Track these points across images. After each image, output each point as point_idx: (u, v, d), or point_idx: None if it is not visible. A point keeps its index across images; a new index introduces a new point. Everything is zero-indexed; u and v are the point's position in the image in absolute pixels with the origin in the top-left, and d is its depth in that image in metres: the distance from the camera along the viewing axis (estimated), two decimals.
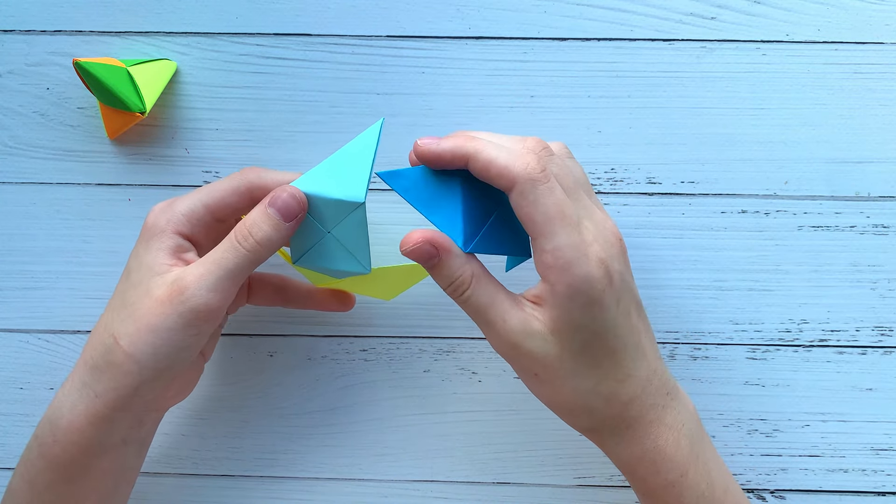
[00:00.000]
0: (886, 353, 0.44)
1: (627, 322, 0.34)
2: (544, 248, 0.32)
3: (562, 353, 0.33)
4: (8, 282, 0.45)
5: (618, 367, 0.34)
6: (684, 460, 0.35)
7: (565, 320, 0.32)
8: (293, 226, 0.34)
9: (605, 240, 0.33)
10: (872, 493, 0.44)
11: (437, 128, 0.43)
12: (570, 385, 0.33)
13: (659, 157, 0.43)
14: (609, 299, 0.32)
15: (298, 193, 0.34)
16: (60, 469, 0.35)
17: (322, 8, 0.43)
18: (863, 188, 0.43)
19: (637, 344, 0.34)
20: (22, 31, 0.44)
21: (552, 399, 0.35)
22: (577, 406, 0.34)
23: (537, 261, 0.33)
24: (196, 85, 0.44)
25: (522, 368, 0.34)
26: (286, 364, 0.45)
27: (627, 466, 0.35)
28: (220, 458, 0.45)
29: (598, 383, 0.34)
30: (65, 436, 0.34)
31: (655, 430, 0.34)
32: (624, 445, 0.35)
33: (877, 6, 0.43)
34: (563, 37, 0.43)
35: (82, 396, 0.34)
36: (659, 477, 0.35)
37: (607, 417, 0.34)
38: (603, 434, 0.35)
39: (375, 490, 0.45)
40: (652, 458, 0.34)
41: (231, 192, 0.36)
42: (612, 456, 0.36)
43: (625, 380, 0.34)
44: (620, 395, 0.34)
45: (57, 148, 0.44)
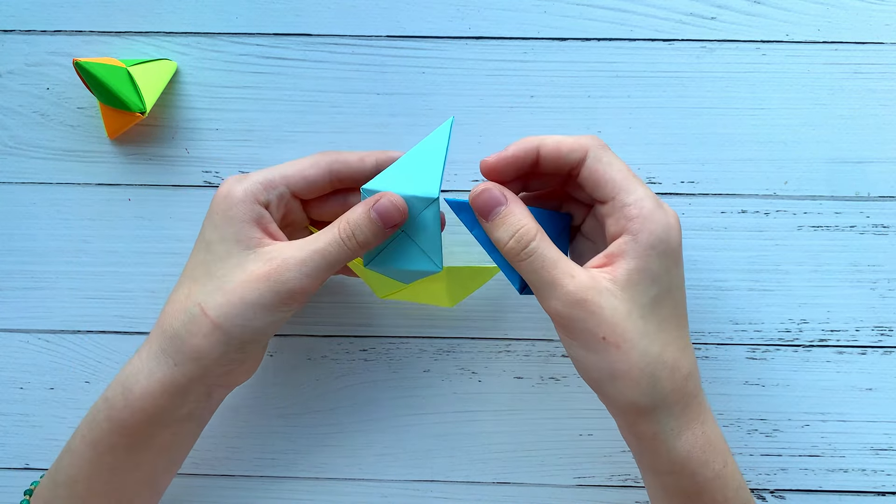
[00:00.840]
0: (886, 353, 0.44)
1: (684, 293, 0.35)
2: (625, 202, 0.33)
3: (631, 310, 0.32)
4: (8, 282, 0.45)
5: (680, 332, 0.34)
6: (724, 449, 0.35)
7: (643, 271, 0.32)
8: (391, 232, 0.35)
9: (669, 206, 0.35)
10: (872, 493, 0.44)
11: (437, 127, 0.43)
12: (638, 348, 0.32)
13: (659, 157, 0.43)
14: (680, 255, 0.34)
15: (400, 203, 0.35)
16: (125, 434, 0.35)
17: (322, 8, 0.43)
18: (863, 188, 0.43)
19: (686, 316, 0.35)
20: (22, 31, 0.44)
21: (616, 368, 0.32)
22: (644, 374, 0.32)
23: (617, 217, 0.33)
24: (196, 85, 0.44)
25: (587, 330, 0.32)
26: (286, 364, 0.45)
27: (678, 459, 0.34)
28: (220, 458, 0.45)
29: (664, 349, 0.33)
30: (137, 401, 0.35)
31: (704, 413, 0.34)
32: (679, 430, 0.33)
33: (877, 6, 0.43)
34: (563, 37, 0.43)
35: (160, 364, 0.35)
36: (707, 469, 0.34)
37: (670, 391, 0.33)
38: (660, 415, 0.33)
39: (375, 490, 0.45)
40: (703, 445, 0.34)
41: (311, 165, 0.37)
42: (662, 448, 0.34)
43: (685, 349, 0.34)
44: (682, 367, 0.33)
45: (57, 148, 0.44)
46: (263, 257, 0.35)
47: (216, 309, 0.34)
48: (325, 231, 0.35)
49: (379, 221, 0.34)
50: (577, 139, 0.34)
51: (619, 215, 0.33)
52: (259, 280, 0.34)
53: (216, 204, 0.36)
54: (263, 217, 0.36)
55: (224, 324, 0.34)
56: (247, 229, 0.35)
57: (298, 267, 0.34)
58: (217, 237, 0.35)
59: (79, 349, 0.45)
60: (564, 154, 0.34)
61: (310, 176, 0.37)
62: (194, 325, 0.34)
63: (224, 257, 0.35)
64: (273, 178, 0.36)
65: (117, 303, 0.45)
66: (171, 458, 0.38)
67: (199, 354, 0.34)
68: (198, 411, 0.37)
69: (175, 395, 0.35)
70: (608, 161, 0.34)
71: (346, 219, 0.35)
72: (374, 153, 0.38)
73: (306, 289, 0.34)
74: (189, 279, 0.36)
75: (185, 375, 0.35)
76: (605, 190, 0.34)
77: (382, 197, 0.35)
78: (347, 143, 0.44)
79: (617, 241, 0.33)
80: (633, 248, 0.33)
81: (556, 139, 0.35)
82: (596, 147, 0.34)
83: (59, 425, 0.45)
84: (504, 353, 0.45)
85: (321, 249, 0.34)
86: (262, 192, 0.36)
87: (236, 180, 0.36)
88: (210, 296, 0.34)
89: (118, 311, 0.45)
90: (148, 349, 0.36)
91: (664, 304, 0.33)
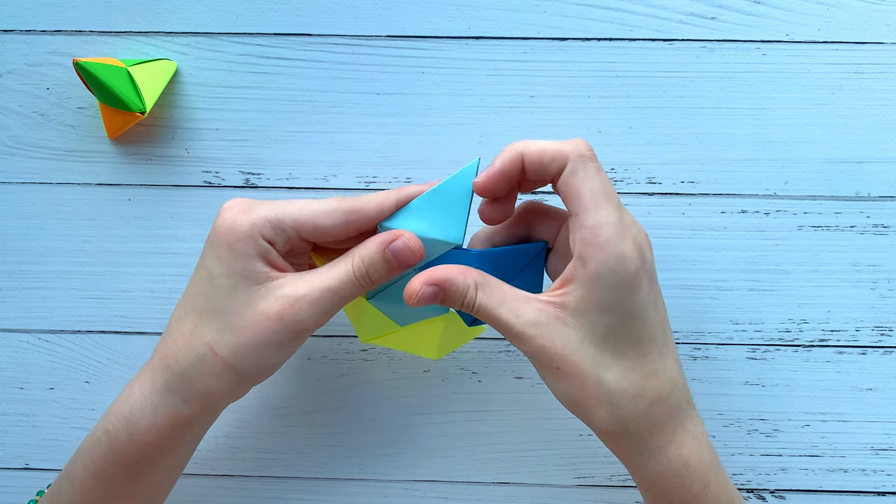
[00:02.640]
0: (886, 353, 0.44)
1: (655, 313, 0.33)
2: (584, 224, 0.32)
3: (583, 339, 0.32)
4: (8, 282, 0.45)
5: (644, 359, 0.33)
6: (706, 471, 0.34)
7: (591, 299, 0.32)
8: (404, 270, 0.35)
9: (639, 229, 0.33)
10: (872, 493, 0.44)
11: (436, 128, 0.43)
12: (593, 376, 0.32)
13: (659, 157, 0.43)
14: (640, 282, 0.32)
15: (417, 245, 0.34)
16: (129, 465, 0.35)
17: (322, 8, 0.43)
18: (863, 188, 0.43)
19: (664, 339, 0.34)
20: (22, 31, 0.44)
21: (574, 396, 0.33)
22: (601, 402, 0.32)
23: (575, 235, 0.32)
24: (196, 85, 0.44)
25: (543, 364, 0.33)
26: (286, 364, 0.45)
27: (651, 479, 0.34)
28: (220, 458, 0.45)
29: (624, 376, 0.32)
30: (143, 436, 0.35)
31: (679, 437, 0.33)
32: (648, 454, 0.33)
33: (877, 6, 0.43)
34: (563, 37, 0.43)
35: (166, 399, 0.34)
36: (683, 490, 0.33)
37: (632, 419, 0.32)
38: (626, 440, 0.33)
39: (375, 490, 0.45)
40: (677, 468, 0.33)
41: (326, 215, 0.34)
42: (634, 469, 0.34)
43: (651, 376, 0.33)
44: (646, 393, 0.33)
45: (57, 148, 0.44)
46: (273, 294, 0.33)
47: (227, 349, 0.33)
48: (337, 266, 0.34)
49: (394, 262, 0.34)
50: (559, 148, 0.33)
51: (577, 235, 0.32)
52: (272, 320, 0.33)
53: (220, 234, 0.34)
54: (270, 253, 0.34)
55: (237, 364, 0.34)
56: (254, 264, 0.34)
57: (312, 307, 0.33)
58: (222, 271, 0.34)
59: (79, 349, 0.45)
60: (546, 163, 0.33)
61: (323, 226, 0.34)
62: (204, 366, 0.34)
63: (231, 293, 0.34)
64: (282, 220, 0.34)
65: (117, 303, 0.45)
66: (172, 476, 0.38)
67: (209, 392, 0.34)
68: (201, 433, 0.38)
69: (182, 428, 0.35)
70: (583, 176, 0.32)
71: (360, 255, 0.34)
72: (394, 193, 0.35)
73: (318, 325, 0.34)
74: (193, 312, 0.34)
75: (192, 410, 0.35)
76: (571, 204, 0.33)
77: (399, 237, 0.34)
78: (347, 144, 0.44)
79: (570, 265, 0.33)
80: (580, 274, 0.32)
81: (539, 147, 0.33)
82: (575, 159, 0.33)
83: (60, 425, 0.45)
84: (504, 353, 0.45)
85: (333, 287, 0.34)
86: (269, 230, 0.34)
87: (241, 211, 0.34)
88: (220, 335, 0.33)
89: (118, 311, 0.45)
90: (152, 383, 0.35)
91: (621, 332, 0.32)
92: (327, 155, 0.44)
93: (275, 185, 0.44)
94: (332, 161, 0.44)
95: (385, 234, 0.34)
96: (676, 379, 0.34)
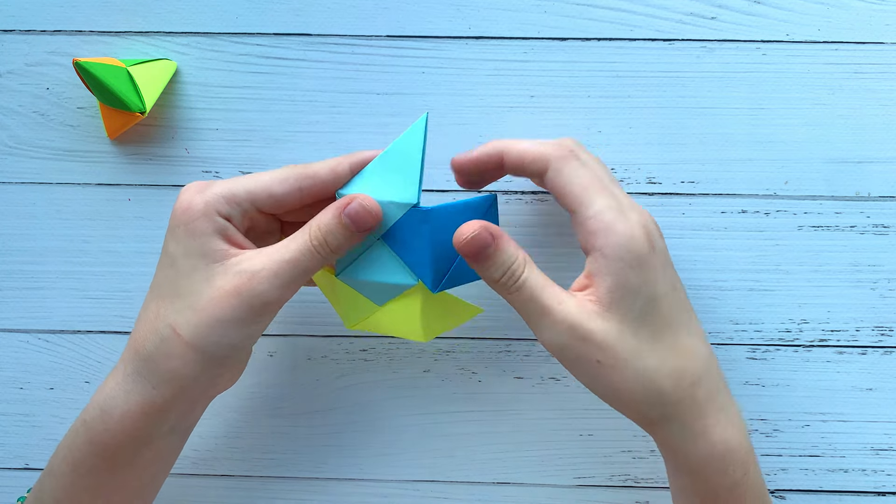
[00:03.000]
0: (886, 353, 0.44)
1: (676, 295, 0.33)
2: (586, 216, 0.32)
3: (621, 329, 0.32)
4: (8, 282, 0.45)
5: (677, 339, 0.33)
6: (746, 457, 0.34)
7: (621, 285, 0.32)
8: (365, 235, 0.34)
9: (641, 211, 0.33)
10: (872, 493, 0.44)
11: (436, 127, 0.43)
12: (634, 366, 0.32)
13: (659, 157, 0.43)
14: (655, 262, 0.32)
15: (373, 205, 0.34)
16: (108, 456, 0.35)
17: (322, 8, 0.43)
18: (863, 188, 0.43)
19: (690, 319, 0.34)
20: (22, 31, 0.44)
21: (617, 388, 0.32)
22: (645, 391, 0.32)
23: (580, 231, 0.33)
24: (196, 85, 0.44)
25: (581, 357, 0.32)
26: (286, 364, 0.45)
27: (695, 464, 0.33)
28: (220, 458, 0.45)
29: (663, 360, 0.32)
30: (117, 425, 0.34)
31: (724, 420, 0.33)
32: (692, 439, 0.33)
33: (877, 6, 0.43)
34: (563, 37, 0.43)
35: (136, 386, 0.34)
36: (725, 477, 0.33)
37: (677, 402, 0.32)
38: (672, 426, 0.33)
39: (375, 490, 0.45)
40: (721, 453, 0.33)
41: (279, 182, 0.35)
42: (679, 455, 0.34)
43: (688, 355, 0.33)
44: (686, 374, 0.32)
45: (57, 148, 0.44)
46: (232, 270, 0.33)
47: (188, 328, 0.33)
48: (295, 238, 0.34)
49: (352, 226, 0.33)
50: (541, 149, 0.34)
51: (583, 230, 0.33)
52: (230, 295, 0.33)
53: (177, 216, 0.34)
54: (227, 229, 0.34)
55: (198, 343, 0.33)
56: (211, 242, 0.33)
57: (270, 279, 0.33)
58: (181, 251, 0.34)
59: (79, 349, 0.45)
60: (527, 164, 0.34)
61: (277, 193, 0.34)
62: (167, 347, 0.33)
63: (190, 272, 0.33)
64: (236, 193, 0.34)
65: (117, 303, 0.45)
66: (156, 471, 0.37)
67: (175, 375, 0.34)
68: (181, 425, 0.36)
69: (155, 415, 0.34)
70: (569, 172, 0.33)
71: (318, 224, 0.34)
72: (347, 158, 0.35)
73: (281, 299, 0.34)
74: (156, 296, 0.34)
75: (163, 396, 0.34)
76: (565, 202, 0.33)
77: (353, 200, 0.34)
78: (347, 143, 0.44)
79: (589, 260, 0.33)
80: (603, 265, 0.32)
81: (521, 148, 0.34)
82: (558, 158, 0.33)
83: (60, 425, 0.45)
84: (504, 353, 0.44)
85: (292, 259, 0.33)
86: (224, 205, 0.34)
87: (197, 191, 0.34)
88: (180, 314, 0.33)
89: (118, 311, 0.45)
90: (123, 370, 0.35)
91: (653, 313, 0.32)
92: (327, 155, 0.43)
93: None
94: None
95: (340, 199, 0.34)
96: (711, 359, 0.34)
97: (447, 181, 0.44)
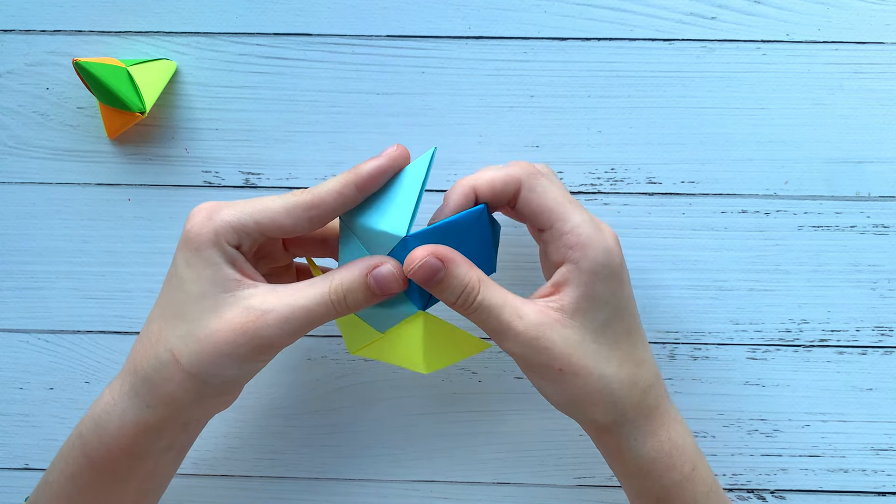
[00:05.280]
0: (886, 353, 0.44)
1: (633, 307, 0.35)
2: (563, 230, 0.33)
3: (583, 336, 0.33)
4: (8, 282, 0.45)
5: (634, 348, 0.34)
6: (693, 453, 0.35)
7: (589, 297, 0.33)
8: (385, 297, 0.34)
9: (607, 226, 0.35)
10: (872, 493, 0.44)
11: (437, 127, 0.43)
12: (595, 372, 0.33)
13: (659, 157, 0.43)
14: (623, 275, 0.34)
15: (401, 273, 0.33)
16: (104, 470, 0.35)
17: (322, 8, 0.43)
18: (863, 188, 0.43)
19: (640, 330, 0.35)
20: (22, 31, 0.44)
21: (575, 396, 0.33)
22: (603, 395, 0.33)
23: (557, 245, 0.33)
24: (196, 85, 0.44)
25: (543, 366, 0.33)
26: (286, 364, 0.45)
27: (645, 465, 0.35)
28: (220, 458, 0.45)
29: (620, 367, 0.33)
30: (112, 440, 0.34)
31: (669, 421, 0.35)
32: (643, 440, 0.34)
33: (877, 6, 0.43)
34: (563, 37, 0.43)
35: (132, 404, 0.34)
36: (674, 472, 0.34)
37: (630, 407, 0.34)
38: (623, 429, 0.34)
39: (375, 490, 0.45)
40: (669, 451, 0.34)
41: (286, 212, 0.33)
42: (629, 456, 0.35)
43: (641, 364, 0.34)
44: (640, 381, 0.34)
45: (57, 148, 0.44)
46: (241, 304, 0.32)
47: (188, 357, 0.32)
48: (314, 285, 0.33)
49: (377, 290, 0.33)
50: (508, 172, 0.34)
51: (559, 244, 0.33)
52: (235, 331, 0.32)
53: (188, 240, 0.33)
54: (237, 259, 0.33)
55: (197, 373, 0.32)
56: (223, 271, 0.33)
57: (280, 324, 0.32)
58: (192, 276, 0.33)
59: (79, 349, 0.45)
60: (499, 189, 0.34)
61: (285, 225, 0.33)
62: (166, 372, 0.33)
63: (198, 298, 0.33)
64: (245, 223, 0.33)
65: (117, 303, 0.45)
66: (154, 485, 0.37)
67: (171, 400, 0.33)
68: (177, 442, 0.36)
69: (149, 434, 0.34)
70: (542, 190, 0.34)
71: (340, 279, 0.33)
72: (353, 178, 0.33)
73: (286, 343, 0.33)
74: (160, 316, 0.34)
75: (157, 417, 0.34)
76: (541, 219, 0.34)
77: (383, 264, 0.33)
78: (347, 143, 0.44)
79: (560, 270, 0.33)
80: (576, 276, 0.33)
81: (488, 177, 0.34)
82: (529, 177, 0.34)
83: (59, 425, 0.45)
84: (504, 353, 0.44)
85: (307, 308, 0.32)
86: (233, 234, 0.33)
87: (207, 217, 0.33)
88: (182, 342, 0.32)
89: (118, 311, 0.45)
90: (120, 386, 0.34)
91: (615, 324, 0.34)
92: (327, 155, 0.44)
93: (275, 185, 0.44)
94: (332, 161, 0.44)
95: (369, 259, 0.33)
96: (656, 367, 0.36)
97: (447, 181, 0.44)
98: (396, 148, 0.34)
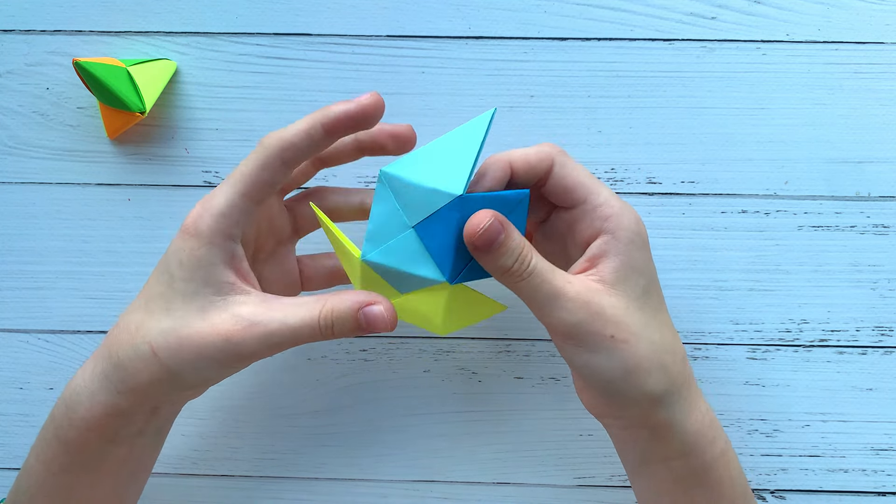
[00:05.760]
0: (886, 353, 0.44)
1: (658, 281, 0.36)
2: (597, 203, 0.34)
3: (628, 304, 0.33)
4: (8, 282, 0.45)
5: (668, 318, 0.35)
6: (720, 427, 0.36)
7: (628, 265, 0.33)
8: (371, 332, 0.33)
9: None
10: (872, 493, 0.44)
11: (437, 127, 0.43)
12: (644, 338, 0.33)
13: (659, 157, 0.43)
14: (648, 244, 0.35)
15: (392, 318, 0.33)
16: (76, 454, 0.35)
17: (322, 8, 0.43)
18: (863, 188, 0.43)
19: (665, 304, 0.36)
20: (22, 31, 0.44)
21: (629, 361, 0.32)
22: (654, 362, 0.33)
23: (591, 218, 0.34)
24: (196, 85, 0.44)
25: (595, 332, 0.32)
26: (286, 364, 0.45)
27: (689, 441, 0.34)
28: (220, 458, 0.45)
29: (663, 335, 0.34)
30: (81, 422, 0.34)
31: (700, 393, 0.36)
32: (688, 412, 0.34)
33: (877, 6, 0.43)
34: (563, 37, 0.43)
35: (102, 388, 0.34)
36: (714, 447, 0.35)
37: (677, 374, 0.34)
38: (673, 398, 0.34)
39: (375, 490, 0.45)
40: (709, 422, 0.35)
41: (262, 169, 0.33)
42: (676, 431, 0.34)
43: (676, 333, 0.35)
44: (678, 350, 0.35)
45: (57, 148, 0.44)
46: (230, 310, 0.32)
47: (167, 353, 0.32)
48: (305, 305, 0.32)
49: (365, 328, 0.33)
50: (539, 150, 0.35)
51: (593, 216, 0.34)
52: (218, 336, 0.32)
53: (184, 232, 0.33)
54: (235, 256, 0.33)
55: (173, 368, 0.32)
56: (218, 272, 0.32)
57: (264, 338, 0.32)
58: (184, 275, 0.33)
59: (79, 349, 0.45)
60: (534, 165, 0.34)
61: (266, 179, 0.33)
62: (141, 362, 0.33)
63: (187, 297, 0.32)
64: (233, 202, 0.33)
65: (117, 303, 0.45)
66: (132, 471, 0.37)
67: (142, 388, 0.33)
68: (149, 428, 0.36)
69: (118, 418, 0.34)
70: (572, 166, 0.35)
71: (331, 307, 0.32)
72: (319, 120, 0.33)
73: (265, 356, 0.33)
74: (143, 307, 0.33)
75: (127, 402, 0.34)
76: (574, 194, 0.34)
77: (377, 303, 0.33)
78: None
79: (596, 243, 0.34)
80: (614, 246, 0.33)
81: (521, 153, 0.34)
82: (559, 154, 0.35)
83: None
84: (504, 353, 0.45)
85: (293, 328, 0.32)
86: (225, 222, 0.33)
87: (201, 211, 0.33)
88: (163, 336, 0.32)
89: (118, 311, 0.45)
90: (92, 369, 0.34)
91: (652, 292, 0.34)
92: None
93: None
94: None
95: (364, 295, 0.33)
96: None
97: None
98: (371, 96, 0.33)
